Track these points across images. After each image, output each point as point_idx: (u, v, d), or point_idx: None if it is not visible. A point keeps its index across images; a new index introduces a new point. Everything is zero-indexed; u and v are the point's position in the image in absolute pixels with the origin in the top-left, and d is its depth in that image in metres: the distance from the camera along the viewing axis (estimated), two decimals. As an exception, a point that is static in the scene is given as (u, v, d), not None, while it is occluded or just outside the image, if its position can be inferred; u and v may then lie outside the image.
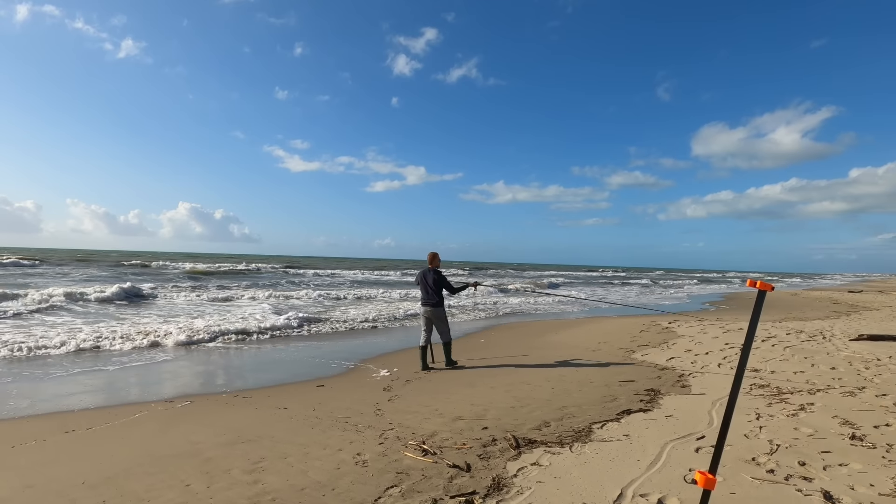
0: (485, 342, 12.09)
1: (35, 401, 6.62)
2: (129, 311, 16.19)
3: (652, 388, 7.12)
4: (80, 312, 15.27)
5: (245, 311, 16.52)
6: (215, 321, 13.52)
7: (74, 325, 12.66)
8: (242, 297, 21.94)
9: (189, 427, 5.61)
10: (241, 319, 14.06)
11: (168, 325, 12.52)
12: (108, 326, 12.28)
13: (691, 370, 8.41)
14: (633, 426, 5.38)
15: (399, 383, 7.83)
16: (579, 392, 7.01)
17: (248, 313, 15.61)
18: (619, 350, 10.66)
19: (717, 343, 11.25)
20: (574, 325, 15.57)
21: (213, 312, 16.07)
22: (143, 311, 16.33)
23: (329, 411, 6.17)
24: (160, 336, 11.16)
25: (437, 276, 9.14)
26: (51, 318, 13.78)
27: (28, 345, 9.68)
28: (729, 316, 19.01)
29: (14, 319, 13.23)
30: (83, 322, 13.14)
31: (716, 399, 6.45)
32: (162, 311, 16.47)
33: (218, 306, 18.38)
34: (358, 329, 14.08)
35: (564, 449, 4.68)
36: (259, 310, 16.67)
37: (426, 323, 9.15)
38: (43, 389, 7.21)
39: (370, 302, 21.95)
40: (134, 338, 10.89)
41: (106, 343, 10.37)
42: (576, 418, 5.72)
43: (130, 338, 10.87)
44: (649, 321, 16.10)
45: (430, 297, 9.09)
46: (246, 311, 16.52)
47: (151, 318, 14.33)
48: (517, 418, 5.76)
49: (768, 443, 4.74)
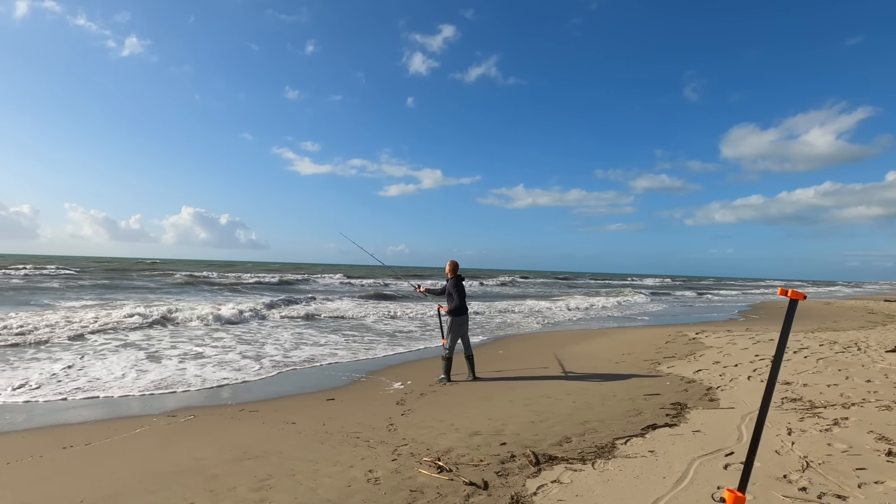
0: (503, 353, 12.03)
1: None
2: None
3: (678, 402, 7.01)
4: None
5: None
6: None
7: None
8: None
9: (193, 442, 5.60)
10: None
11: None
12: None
13: (719, 383, 8.28)
14: (658, 442, 5.29)
15: (413, 396, 7.80)
16: (602, 406, 6.92)
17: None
18: (644, 362, 10.54)
19: (747, 354, 11.08)
20: (596, 336, 15.45)
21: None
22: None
23: (339, 426, 6.14)
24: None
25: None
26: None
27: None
28: (759, 326, 18.75)
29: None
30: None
31: (745, 413, 6.34)
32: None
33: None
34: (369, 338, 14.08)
35: (587, 465, 4.60)
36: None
37: (463, 333, 9.26)
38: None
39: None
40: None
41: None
42: (598, 433, 5.64)
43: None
44: (675, 331, 15.93)
45: (466, 305, 9.31)
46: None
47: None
48: (537, 433, 5.69)
49: (800, 459, 4.63)
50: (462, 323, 9.19)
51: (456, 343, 9.16)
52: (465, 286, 9.48)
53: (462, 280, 9.39)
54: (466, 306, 9.31)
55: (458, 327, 9.15)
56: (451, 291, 9.18)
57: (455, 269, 9.35)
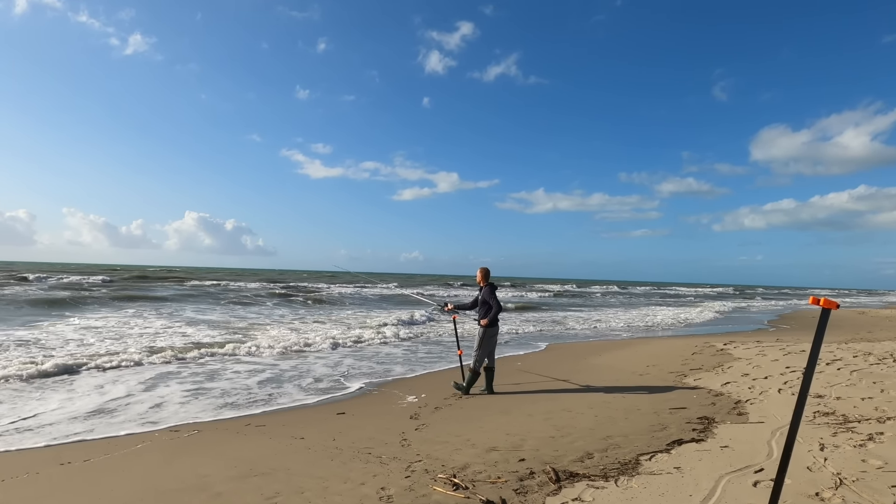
0: (521, 365, 11.95)
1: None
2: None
3: (705, 416, 6.92)
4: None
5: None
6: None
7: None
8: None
9: (196, 458, 5.58)
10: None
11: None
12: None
13: (749, 396, 8.16)
14: (684, 458, 5.21)
15: (427, 410, 7.75)
16: (625, 420, 6.84)
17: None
18: (670, 374, 10.43)
19: (777, 366, 10.92)
20: (619, 347, 15.33)
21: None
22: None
23: (350, 441, 6.10)
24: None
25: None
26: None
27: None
28: (790, 336, 18.51)
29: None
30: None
31: (776, 428, 6.22)
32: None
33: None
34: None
35: (609, 483, 4.54)
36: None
37: (493, 345, 9.11)
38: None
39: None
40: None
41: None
42: (622, 449, 5.56)
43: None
44: (702, 342, 15.76)
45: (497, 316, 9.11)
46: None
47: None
48: (557, 449, 5.62)
49: (833, 476, 4.53)
50: (493, 334, 9.04)
51: (485, 356, 9.01)
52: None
53: (496, 289, 9.13)
54: (498, 317, 9.10)
55: (490, 339, 9.00)
56: (488, 300, 8.92)
57: (487, 277, 9.14)
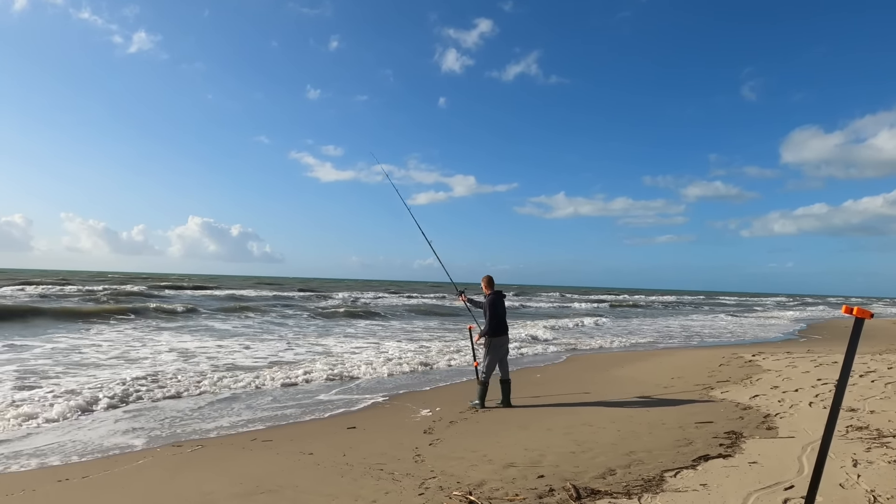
0: (540, 377, 11.90)
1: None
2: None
3: (733, 431, 6.82)
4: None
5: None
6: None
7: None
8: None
9: (200, 475, 5.55)
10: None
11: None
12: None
13: (778, 410, 8.04)
14: (711, 474, 5.13)
15: (442, 424, 7.69)
16: (649, 435, 6.76)
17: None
18: (695, 387, 10.31)
19: (808, 378, 10.77)
20: (643, 358, 15.23)
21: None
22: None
23: (361, 457, 6.06)
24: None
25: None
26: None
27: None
28: (821, 347, 18.27)
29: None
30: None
31: (806, 443, 6.12)
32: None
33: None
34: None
35: (632, 500, 4.47)
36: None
37: (501, 356, 9.11)
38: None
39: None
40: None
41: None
42: (645, 465, 5.48)
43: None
44: (730, 353, 15.60)
45: (506, 325, 9.21)
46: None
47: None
48: (578, 465, 5.56)
49: (867, 493, 4.43)
50: (500, 344, 9.05)
51: (494, 367, 9.02)
52: (505, 304, 9.32)
53: (502, 297, 9.26)
54: (505, 326, 9.17)
55: (495, 349, 9.01)
56: (486, 308, 9.05)
57: (490, 285, 9.27)
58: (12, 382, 9.81)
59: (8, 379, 10.10)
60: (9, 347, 14.06)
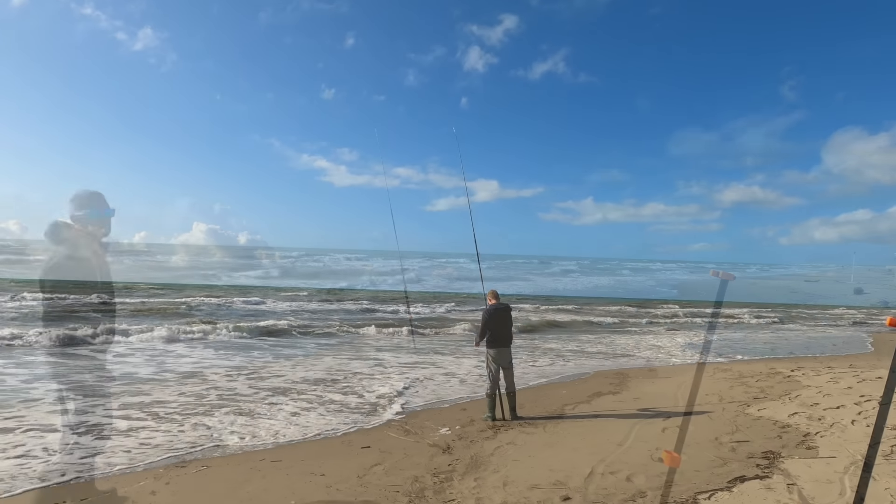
0: (566, 393, 11.80)
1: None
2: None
3: (770, 450, 6.76)
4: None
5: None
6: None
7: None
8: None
9: (205, 498, 5.53)
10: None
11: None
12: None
13: (818, 428, 7.93)
14: (747, 496, 5.08)
15: (461, 444, 7.64)
16: (682, 455, 6.69)
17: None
18: (730, 403, 10.19)
19: (851, 395, 10.58)
20: (674, 373, 15.04)
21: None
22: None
23: (376, 478, 6.05)
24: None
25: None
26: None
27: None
28: (864, 362, 17.92)
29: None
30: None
31: (849, 463, 6.04)
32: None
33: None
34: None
35: (663, 524, 4.43)
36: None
37: (504, 367, 9.27)
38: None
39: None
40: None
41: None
42: (678, 487, 5.43)
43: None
44: (767, 368, 15.36)
45: (510, 337, 9.41)
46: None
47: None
48: (606, 487, 5.53)
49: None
50: (500, 356, 9.25)
51: (496, 379, 9.19)
52: (511, 316, 9.54)
53: (506, 309, 9.47)
54: (506, 337, 9.35)
55: (496, 361, 9.22)
56: (485, 319, 9.25)
57: (495, 298, 9.54)
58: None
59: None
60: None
